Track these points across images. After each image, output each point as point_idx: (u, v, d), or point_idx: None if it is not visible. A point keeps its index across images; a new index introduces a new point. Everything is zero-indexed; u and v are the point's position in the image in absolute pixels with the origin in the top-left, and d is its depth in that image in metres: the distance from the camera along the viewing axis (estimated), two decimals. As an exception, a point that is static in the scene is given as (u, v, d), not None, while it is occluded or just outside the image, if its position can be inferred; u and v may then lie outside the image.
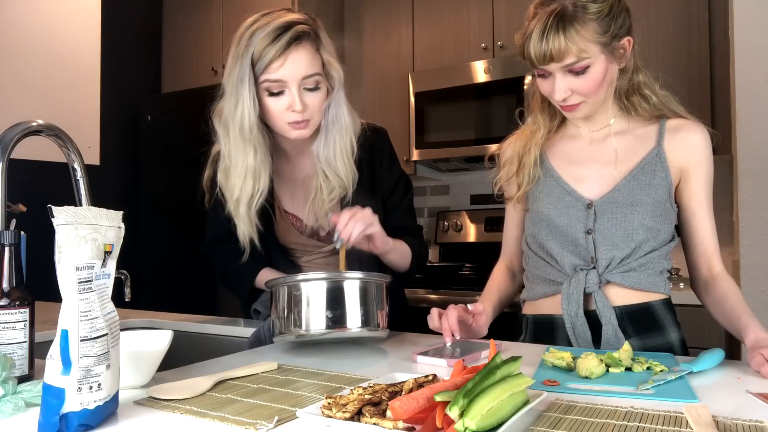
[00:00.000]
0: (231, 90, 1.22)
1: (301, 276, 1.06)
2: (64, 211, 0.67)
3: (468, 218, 3.14)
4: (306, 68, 1.20)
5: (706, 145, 1.19)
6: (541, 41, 1.09)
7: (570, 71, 1.11)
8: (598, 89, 1.13)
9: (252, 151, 1.24)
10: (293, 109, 1.21)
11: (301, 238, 1.38)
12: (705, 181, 1.20)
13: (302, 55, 1.19)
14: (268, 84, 1.20)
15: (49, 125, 1.12)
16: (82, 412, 0.66)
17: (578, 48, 1.08)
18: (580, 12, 1.08)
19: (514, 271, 1.40)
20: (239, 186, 1.27)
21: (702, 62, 2.37)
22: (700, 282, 1.21)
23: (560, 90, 1.13)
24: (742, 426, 0.67)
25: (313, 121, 1.26)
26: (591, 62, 1.10)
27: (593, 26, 1.08)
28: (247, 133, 1.23)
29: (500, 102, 2.75)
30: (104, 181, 3.08)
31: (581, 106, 1.16)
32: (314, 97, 1.23)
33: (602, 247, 1.18)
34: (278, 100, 1.21)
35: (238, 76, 1.20)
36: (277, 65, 1.18)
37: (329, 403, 0.67)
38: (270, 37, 1.17)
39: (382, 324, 1.08)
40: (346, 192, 1.32)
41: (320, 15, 3.48)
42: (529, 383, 0.68)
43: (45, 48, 2.65)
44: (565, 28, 1.07)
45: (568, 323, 1.18)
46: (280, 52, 1.17)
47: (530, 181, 1.27)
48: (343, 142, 1.29)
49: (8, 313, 0.86)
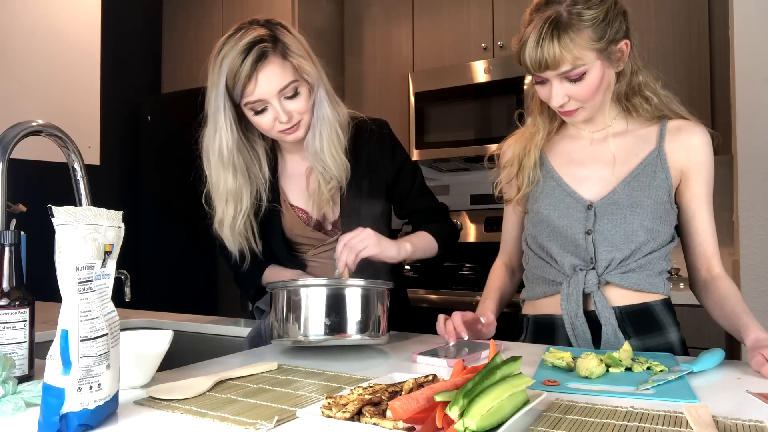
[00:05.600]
0: (210, 117, 1.27)
1: (301, 281, 1.07)
2: (64, 211, 0.67)
3: (468, 218, 3.14)
4: (279, 81, 1.22)
5: (707, 146, 1.19)
6: (536, 49, 1.08)
7: (566, 78, 1.11)
8: (595, 95, 1.13)
9: (231, 175, 1.29)
10: (281, 120, 1.24)
11: (307, 230, 1.40)
12: (705, 182, 1.19)
13: (271, 70, 1.21)
14: (250, 105, 1.24)
15: (49, 125, 1.12)
16: (82, 412, 0.66)
17: (573, 56, 1.07)
18: (575, 19, 1.07)
19: (513, 268, 1.41)
20: (221, 209, 1.32)
21: (702, 62, 2.36)
22: (699, 283, 1.21)
23: (557, 96, 1.13)
24: (742, 426, 0.67)
25: (303, 122, 1.28)
26: (587, 69, 1.10)
27: (588, 33, 1.08)
28: (225, 159, 1.28)
29: (500, 102, 2.75)
30: (104, 181, 3.08)
31: (579, 112, 1.16)
32: (297, 102, 1.26)
33: (602, 248, 1.18)
34: (264, 116, 1.25)
35: (215, 105, 1.25)
36: (252, 87, 1.21)
37: (329, 403, 0.67)
38: (237, 61, 1.20)
39: (382, 330, 1.08)
40: (340, 184, 1.33)
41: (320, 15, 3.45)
42: (529, 383, 0.68)
43: (45, 48, 2.65)
44: (560, 36, 1.06)
45: (567, 323, 1.18)
46: (249, 74, 1.20)
47: (530, 183, 1.27)
48: (329, 136, 1.31)
49: (8, 313, 0.86)
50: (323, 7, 3.20)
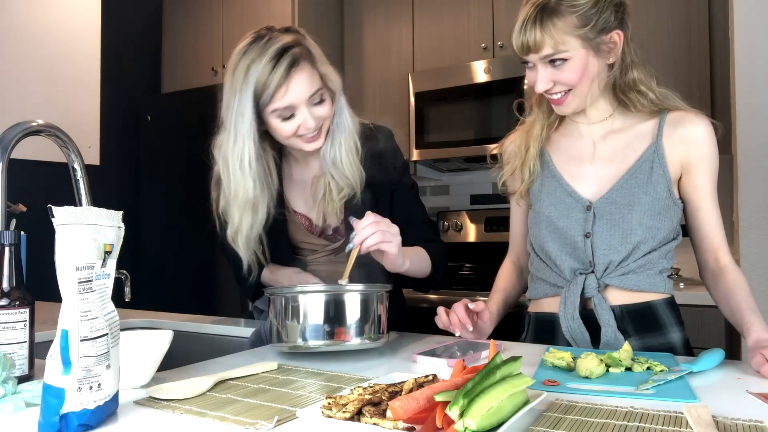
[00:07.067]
0: (230, 124, 1.24)
1: (299, 288, 1.06)
2: (64, 211, 0.67)
3: (468, 218, 3.14)
4: (309, 88, 1.22)
5: (707, 137, 1.17)
6: (520, 32, 1.11)
7: (549, 63, 1.12)
8: (580, 81, 1.13)
9: (252, 184, 1.26)
10: (307, 126, 1.23)
11: (310, 237, 1.39)
12: (709, 173, 1.18)
13: (303, 77, 1.21)
14: (279, 112, 1.22)
15: (49, 125, 1.12)
16: (82, 412, 0.66)
17: (554, 41, 1.09)
18: (562, 5, 1.09)
19: (521, 267, 1.40)
20: (238, 217, 1.29)
21: (702, 62, 2.36)
22: (708, 275, 1.19)
23: (542, 81, 1.14)
24: (742, 426, 0.67)
25: (323, 129, 1.28)
26: (569, 55, 1.10)
27: (572, 20, 1.09)
28: (246, 168, 1.25)
29: (500, 102, 2.75)
30: (104, 181, 3.08)
31: (568, 100, 1.16)
32: (322, 109, 1.25)
33: (599, 252, 1.18)
34: (290, 123, 1.23)
35: (238, 111, 1.22)
36: (282, 92, 1.19)
37: (329, 403, 0.67)
38: (269, 67, 1.18)
39: (382, 333, 1.08)
40: (355, 191, 1.33)
41: (320, 15, 3.46)
42: (529, 383, 0.68)
43: (45, 48, 2.65)
44: (543, 20, 1.08)
45: (564, 326, 1.18)
46: (282, 80, 1.18)
47: (531, 175, 1.27)
48: (347, 144, 1.31)
49: (8, 313, 0.86)
50: (323, 7, 3.19)
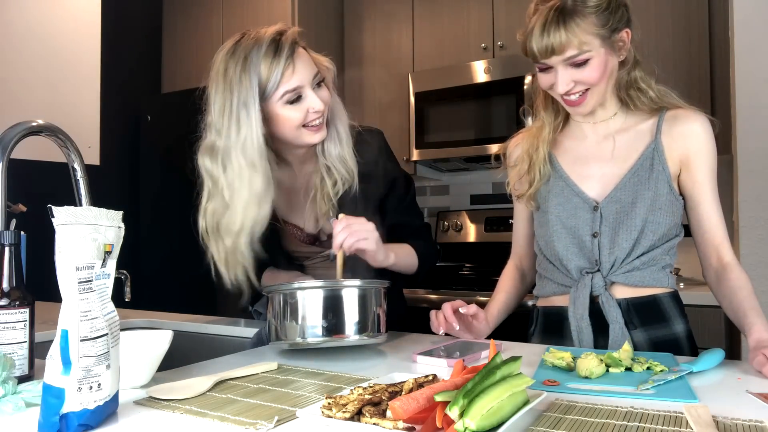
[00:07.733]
0: (228, 121, 1.19)
1: (297, 284, 1.06)
2: (64, 211, 0.67)
3: (468, 218, 3.14)
4: (311, 68, 1.22)
5: (705, 133, 1.18)
6: (542, 35, 1.11)
7: (571, 64, 1.12)
8: (601, 79, 1.14)
9: (258, 176, 1.21)
10: (315, 109, 1.21)
11: (301, 246, 1.39)
12: (707, 169, 1.18)
13: (305, 57, 1.22)
14: (288, 95, 1.20)
15: (49, 125, 1.12)
16: (82, 412, 0.66)
17: (579, 41, 1.10)
18: (579, 6, 1.10)
19: (523, 271, 1.41)
20: (241, 216, 1.22)
21: (702, 62, 2.36)
22: (711, 273, 1.18)
23: (563, 83, 1.14)
24: (742, 426, 0.67)
25: (325, 117, 1.27)
26: (591, 55, 1.12)
27: (592, 19, 1.10)
28: (255, 158, 1.20)
29: (500, 102, 2.75)
30: (104, 181, 3.08)
31: (587, 99, 1.16)
32: (324, 92, 1.25)
33: (606, 250, 1.19)
34: (299, 106, 1.21)
35: (241, 102, 1.18)
36: (290, 73, 1.18)
37: (329, 403, 0.67)
38: (270, 52, 1.18)
39: (381, 330, 1.08)
40: (348, 185, 1.30)
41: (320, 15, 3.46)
42: (529, 383, 0.68)
43: (45, 48, 2.65)
44: (566, 21, 1.09)
45: (573, 326, 1.19)
46: (288, 61, 1.18)
47: (541, 177, 1.27)
48: (345, 132, 1.31)
49: (8, 313, 0.86)
50: (323, 8, 3.19)
